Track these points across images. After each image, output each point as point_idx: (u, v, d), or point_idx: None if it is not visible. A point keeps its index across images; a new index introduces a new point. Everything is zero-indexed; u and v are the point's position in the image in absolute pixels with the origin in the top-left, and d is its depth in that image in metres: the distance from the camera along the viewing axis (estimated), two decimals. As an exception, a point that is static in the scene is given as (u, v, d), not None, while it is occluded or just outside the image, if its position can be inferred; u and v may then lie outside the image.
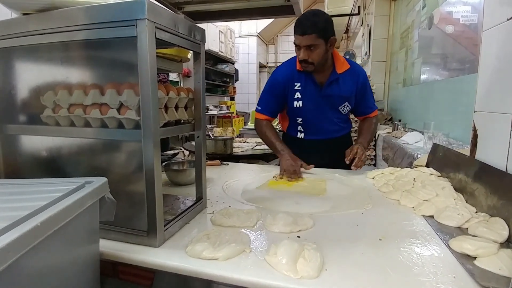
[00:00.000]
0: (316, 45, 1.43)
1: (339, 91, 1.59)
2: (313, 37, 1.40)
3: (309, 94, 1.59)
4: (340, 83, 1.58)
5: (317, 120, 1.65)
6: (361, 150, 1.50)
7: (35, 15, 0.77)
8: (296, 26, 1.43)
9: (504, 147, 0.91)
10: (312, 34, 1.39)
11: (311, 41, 1.41)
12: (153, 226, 0.75)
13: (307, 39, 1.41)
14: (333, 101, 1.61)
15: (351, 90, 1.60)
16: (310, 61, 1.46)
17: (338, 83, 1.58)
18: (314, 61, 1.47)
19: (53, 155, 0.88)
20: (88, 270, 0.66)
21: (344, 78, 1.58)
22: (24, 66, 0.90)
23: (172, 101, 0.89)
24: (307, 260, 0.67)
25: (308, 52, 1.44)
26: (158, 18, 0.70)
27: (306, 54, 1.44)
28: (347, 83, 1.59)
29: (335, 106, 1.63)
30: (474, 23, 2.04)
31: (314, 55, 1.45)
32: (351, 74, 1.59)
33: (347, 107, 1.64)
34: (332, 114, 1.64)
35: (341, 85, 1.58)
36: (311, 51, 1.44)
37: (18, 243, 0.43)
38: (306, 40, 1.41)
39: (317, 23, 1.40)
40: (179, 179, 1.30)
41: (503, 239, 0.76)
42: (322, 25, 1.41)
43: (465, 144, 1.80)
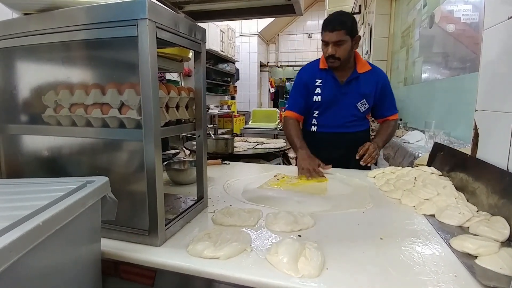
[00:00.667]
0: (343, 41, 1.52)
1: (358, 89, 1.66)
2: (341, 33, 1.50)
3: (329, 89, 1.67)
4: (360, 82, 1.65)
5: (332, 115, 1.70)
6: (373, 147, 1.54)
7: (36, 15, 0.77)
8: (325, 24, 1.54)
9: (505, 146, 0.91)
10: (341, 30, 1.50)
11: (340, 37, 1.51)
12: (154, 225, 0.75)
13: (336, 35, 1.51)
14: (351, 98, 1.67)
15: (370, 89, 1.66)
16: (337, 56, 1.55)
17: (358, 81, 1.65)
18: (341, 57, 1.55)
19: (54, 155, 0.88)
20: (89, 269, 0.66)
21: (365, 77, 1.65)
22: (26, 66, 0.90)
23: (173, 101, 0.89)
24: (308, 259, 0.67)
25: (336, 48, 1.53)
26: (159, 17, 0.70)
27: (334, 49, 1.53)
28: (367, 82, 1.65)
29: (353, 103, 1.68)
30: (475, 22, 2.04)
31: (341, 51, 1.54)
32: (372, 74, 1.66)
33: (364, 104, 1.68)
34: (349, 110, 1.69)
35: (361, 83, 1.65)
36: (339, 47, 1.53)
37: (19, 243, 0.43)
38: (335, 36, 1.51)
39: (346, 21, 1.52)
40: (180, 179, 1.30)
41: (504, 238, 0.76)
42: (350, 23, 1.53)
43: (466, 143, 1.79)
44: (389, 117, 1.75)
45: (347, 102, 1.67)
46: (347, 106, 1.68)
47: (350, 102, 1.67)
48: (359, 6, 5.62)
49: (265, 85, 10.05)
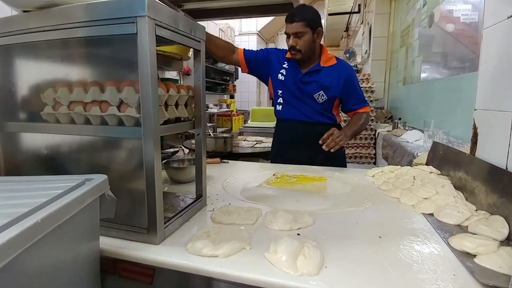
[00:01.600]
0: (303, 33, 1.55)
1: (317, 81, 1.66)
2: (300, 25, 1.53)
3: (291, 75, 1.71)
4: (321, 74, 1.66)
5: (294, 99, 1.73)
6: (338, 132, 1.52)
7: (35, 12, 0.77)
8: (286, 16, 1.57)
9: (505, 145, 0.91)
10: (300, 21, 1.52)
11: (299, 28, 1.53)
12: (153, 223, 0.75)
13: (296, 26, 1.53)
14: (310, 88, 1.68)
15: (331, 81, 1.65)
16: (298, 48, 1.58)
17: (318, 74, 1.66)
18: (302, 49, 1.58)
19: (53, 153, 0.88)
20: (88, 267, 0.66)
21: (327, 71, 1.66)
22: (24, 64, 0.90)
23: (172, 99, 0.88)
24: (307, 257, 0.67)
25: (296, 40, 1.56)
26: (159, 15, 0.70)
27: (294, 41, 1.56)
28: (328, 75, 1.66)
29: (310, 93, 1.68)
30: (475, 21, 2.04)
31: (301, 42, 1.57)
32: (336, 69, 1.67)
33: (322, 96, 1.67)
34: (307, 99, 1.70)
35: (321, 76, 1.66)
36: (299, 39, 1.56)
37: (18, 240, 0.43)
38: (295, 28, 1.54)
39: (305, 13, 1.54)
40: (179, 177, 1.30)
41: (503, 237, 0.76)
42: (309, 15, 1.55)
43: (465, 142, 1.80)
44: (358, 110, 1.73)
45: (306, 91, 1.69)
46: (305, 96, 1.70)
47: (308, 92, 1.68)
48: (358, 5, 5.62)
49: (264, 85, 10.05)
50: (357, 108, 1.73)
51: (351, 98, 1.71)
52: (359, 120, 1.70)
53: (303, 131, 1.72)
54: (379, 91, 4.42)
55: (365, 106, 1.74)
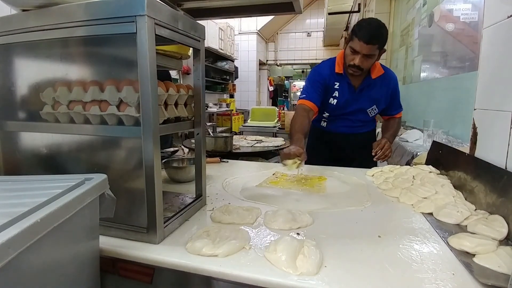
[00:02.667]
0: (373, 55, 1.50)
1: (370, 95, 1.67)
2: (375, 48, 1.46)
3: (344, 94, 1.67)
4: (372, 88, 1.66)
5: (342, 117, 1.74)
6: (388, 144, 1.57)
7: (34, 11, 0.77)
8: (361, 31, 1.45)
9: (504, 145, 0.91)
10: (376, 44, 1.45)
11: (372, 51, 1.47)
12: (153, 223, 0.75)
13: (370, 48, 1.45)
14: (363, 103, 1.69)
15: (382, 94, 1.67)
16: (362, 67, 1.52)
17: (370, 88, 1.66)
18: (365, 68, 1.54)
19: (52, 152, 0.88)
20: (88, 266, 0.66)
21: (377, 83, 1.66)
22: (24, 63, 0.89)
23: (172, 98, 0.88)
24: (307, 256, 0.67)
25: (363, 60, 1.49)
26: (158, 14, 0.70)
27: (361, 61, 1.49)
28: (379, 88, 1.66)
29: (364, 108, 1.70)
30: (475, 21, 2.04)
31: (367, 63, 1.52)
32: (384, 79, 1.67)
33: (375, 110, 1.72)
34: (359, 115, 1.73)
35: (373, 90, 1.66)
36: (366, 60, 1.50)
37: (18, 239, 0.43)
38: (368, 49, 1.46)
39: (383, 36, 1.46)
40: (179, 176, 1.30)
41: (502, 237, 0.76)
42: (385, 38, 1.48)
43: (464, 142, 1.80)
44: (395, 115, 1.78)
45: (359, 107, 1.69)
46: (357, 111, 1.71)
47: (361, 107, 1.69)
48: (358, 5, 5.61)
49: (264, 84, 10.05)
50: (395, 113, 1.78)
51: (394, 105, 1.76)
52: (395, 125, 1.76)
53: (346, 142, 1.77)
54: (379, 90, 4.41)
55: (400, 111, 1.79)
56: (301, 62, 10.17)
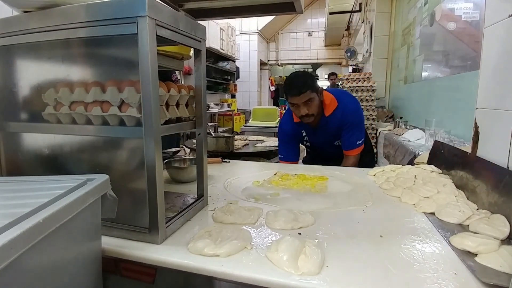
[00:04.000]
0: (312, 99, 1.62)
1: (329, 131, 1.77)
2: (308, 93, 1.59)
3: (312, 136, 1.84)
4: (328, 124, 1.75)
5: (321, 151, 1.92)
6: None
7: (36, 12, 0.77)
8: (289, 89, 1.63)
9: (506, 144, 0.91)
10: (306, 91, 1.59)
11: (308, 96, 1.60)
12: (154, 223, 0.75)
13: (304, 96, 1.59)
14: (328, 139, 1.81)
15: (338, 129, 1.75)
16: (310, 113, 1.64)
17: (327, 124, 1.75)
18: (314, 113, 1.66)
19: (54, 153, 0.88)
20: (90, 267, 0.67)
21: (332, 118, 1.73)
22: (25, 64, 0.90)
23: (173, 99, 0.89)
24: (308, 256, 0.67)
25: (307, 107, 1.62)
26: (159, 15, 0.70)
27: (305, 109, 1.62)
28: (333, 123, 1.74)
29: (331, 143, 1.82)
30: (476, 20, 2.03)
31: (312, 108, 1.64)
32: (338, 113, 1.73)
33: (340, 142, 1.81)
34: (331, 148, 1.84)
35: (329, 126, 1.75)
36: (309, 105, 1.62)
37: (20, 240, 0.43)
38: (303, 98, 1.60)
39: (307, 81, 1.61)
40: (181, 177, 1.30)
41: (504, 236, 0.76)
42: (310, 81, 1.62)
43: (466, 141, 1.80)
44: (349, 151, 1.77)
45: (327, 142, 1.82)
46: (328, 146, 1.84)
47: (328, 142, 1.82)
48: (359, 4, 5.60)
49: (265, 84, 10.06)
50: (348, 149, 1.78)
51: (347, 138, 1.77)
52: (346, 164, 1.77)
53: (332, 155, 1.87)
54: (380, 90, 4.41)
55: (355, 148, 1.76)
56: (303, 62, 10.17)
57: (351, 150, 1.77)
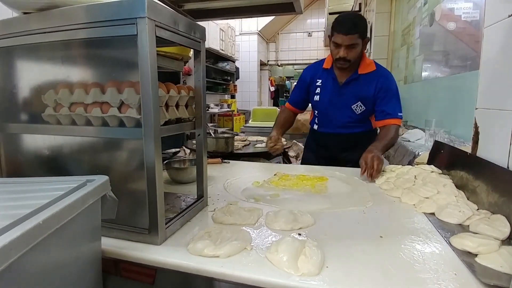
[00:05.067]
0: (356, 44, 1.52)
1: (355, 90, 1.64)
2: (355, 37, 1.49)
3: (327, 90, 1.70)
4: (359, 83, 1.63)
5: (330, 115, 1.73)
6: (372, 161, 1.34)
7: (35, 14, 0.77)
8: (338, 25, 1.51)
9: (506, 144, 0.91)
10: (355, 34, 1.49)
11: (353, 40, 1.50)
12: (154, 224, 0.75)
13: (350, 38, 1.49)
14: (347, 100, 1.66)
15: (369, 91, 1.62)
16: (348, 59, 1.54)
17: (357, 82, 1.64)
18: (352, 59, 1.55)
19: (54, 154, 0.88)
20: (90, 267, 0.67)
21: (365, 79, 1.63)
22: (25, 65, 0.90)
23: (173, 100, 0.89)
24: (308, 257, 0.67)
25: (347, 51, 1.52)
26: (159, 16, 0.70)
27: (345, 52, 1.52)
28: (366, 84, 1.62)
29: (348, 105, 1.67)
30: (476, 20, 2.03)
31: (352, 54, 1.54)
32: (374, 76, 1.63)
33: (360, 107, 1.66)
34: (344, 111, 1.69)
35: (359, 85, 1.63)
36: (350, 50, 1.53)
37: (20, 241, 0.43)
38: (349, 40, 1.50)
39: (360, 24, 1.51)
40: (180, 177, 1.30)
41: (504, 236, 0.76)
42: (363, 26, 1.53)
43: (466, 141, 1.79)
44: (387, 120, 1.60)
45: (343, 103, 1.67)
46: (342, 108, 1.68)
47: (345, 104, 1.67)
48: (359, 4, 5.61)
49: (265, 84, 10.05)
50: (386, 117, 1.61)
51: (383, 107, 1.61)
52: (387, 134, 1.55)
53: (340, 142, 1.74)
54: (380, 90, 4.40)
55: (396, 117, 1.61)
56: (302, 62, 10.16)
57: (393, 118, 1.59)
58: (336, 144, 1.76)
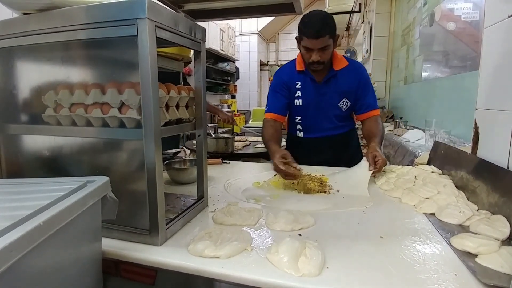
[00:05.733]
0: (328, 46, 1.45)
1: (337, 87, 1.59)
2: (326, 39, 1.42)
3: (308, 92, 1.62)
4: (338, 79, 1.59)
5: (315, 118, 1.65)
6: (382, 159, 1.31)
7: (35, 14, 0.77)
8: (307, 29, 1.43)
9: (506, 145, 0.91)
10: (326, 35, 1.41)
11: (325, 42, 1.43)
12: (155, 224, 0.75)
13: (322, 41, 1.42)
14: (332, 98, 1.61)
15: (350, 85, 1.59)
16: (322, 61, 1.49)
17: (336, 79, 1.59)
18: (325, 60, 1.50)
19: (54, 155, 0.88)
20: (90, 268, 0.67)
21: (343, 74, 1.58)
22: (25, 66, 0.90)
23: (173, 100, 0.89)
24: (309, 258, 0.67)
25: (320, 53, 1.46)
26: (159, 17, 0.70)
27: (318, 55, 1.46)
28: (346, 78, 1.58)
29: (334, 103, 1.62)
30: (476, 20, 2.03)
31: (325, 55, 1.48)
32: (350, 70, 1.59)
33: (346, 103, 1.62)
34: (331, 111, 1.64)
35: (339, 81, 1.59)
36: (323, 52, 1.46)
37: (20, 243, 0.43)
38: (321, 42, 1.43)
39: (329, 24, 1.42)
40: (181, 178, 1.30)
41: (504, 237, 0.76)
42: (332, 24, 1.44)
43: (466, 141, 1.80)
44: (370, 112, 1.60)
45: (328, 102, 1.61)
46: (328, 107, 1.62)
47: (331, 103, 1.62)
48: (359, 5, 5.61)
49: (265, 84, 10.04)
50: (369, 109, 1.60)
51: (365, 99, 1.60)
52: (377, 126, 1.55)
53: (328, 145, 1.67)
54: (380, 90, 4.41)
55: (376, 108, 1.63)
56: (302, 63, 10.16)
57: (374, 109, 1.60)
58: (325, 148, 1.68)
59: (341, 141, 1.69)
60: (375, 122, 1.58)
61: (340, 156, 1.62)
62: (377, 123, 1.57)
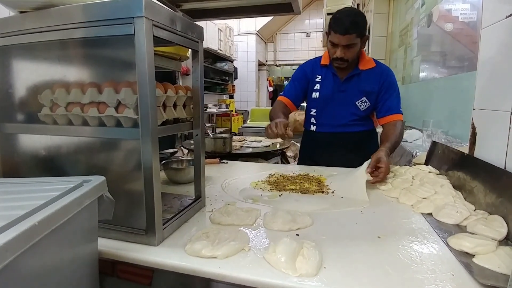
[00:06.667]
0: (354, 44, 1.46)
1: (358, 85, 1.59)
2: (353, 37, 1.43)
3: (327, 86, 1.63)
4: (361, 78, 1.59)
5: (330, 113, 1.65)
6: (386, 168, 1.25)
7: (32, 13, 0.77)
8: (336, 24, 1.43)
9: (503, 145, 0.91)
10: (353, 33, 1.42)
11: (351, 40, 1.43)
12: (151, 224, 0.75)
13: (348, 38, 1.43)
14: (350, 95, 1.60)
15: (373, 86, 1.57)
16: (346, 59, 1.49)
17: (359, 78, 1.59)
18: (349, 59, 1.50)
19: (51, 154, 0.88)
20: (86, 269, 0.66)
21: (367, 74, 1.58)
22: (21, 65, 0.89)
23: (171, 100, 0.88)
24: (306, 258, 0.67)
25: (345, 51, 1.47)
26: (156, 15, 0.70)
27: (343, 52, 1.47)
28: (369, 79, 1.58)
29: (352, 101, 1.60)
30: (473, 21, 2.04)
31: (350, 53, 1.48)
32: (376, 72, 1.59)
33: (365, 102, 1.60)
34: (347, 108, 1.62)
35: (362, 80, 1.58)
36: (348, 50, 1.47)
37: (15, 243, 0.43)
38: (346, 40, 1.43)
39: (359, 23, 1.43)
40: (178, 178, 1.30)
41: (501, 237, 0.76)
42: (362, 24, 1.45)
43: (464, 141, 1.80)
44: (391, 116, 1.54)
45: (346, 99, 1.60)
46: (346, 104, 1.61)
47: (349, 100, 1.60)
48: (357, 5, 5.61)
49: (263, 84, 10.06)
50: (390, 113, 1.55)
51: (386, 103, 1.56)
52: (396, 133, 1.47)
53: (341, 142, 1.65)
54: (378, 90, 4.41)
55: (398, 113, 1.56)
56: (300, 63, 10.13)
57: (397, 113, 1.54)
58: (337, 144, 1.66)
59: (354, 140, 1.65)
60: (393, 127, 1.51)
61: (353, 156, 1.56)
62: (395, 128, 1.51)
